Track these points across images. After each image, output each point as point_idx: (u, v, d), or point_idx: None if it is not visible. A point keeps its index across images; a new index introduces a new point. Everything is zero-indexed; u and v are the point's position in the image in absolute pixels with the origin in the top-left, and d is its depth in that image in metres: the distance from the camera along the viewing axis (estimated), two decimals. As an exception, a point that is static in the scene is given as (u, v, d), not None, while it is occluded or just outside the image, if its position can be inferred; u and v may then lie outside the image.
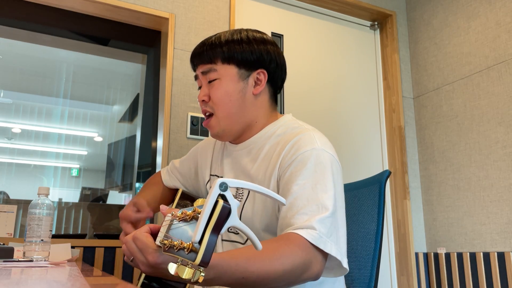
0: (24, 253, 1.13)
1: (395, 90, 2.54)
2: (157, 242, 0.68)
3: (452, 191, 2.30)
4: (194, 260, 0.58)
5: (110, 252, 1.76)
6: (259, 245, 0.64)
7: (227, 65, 1.09)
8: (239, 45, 1.09)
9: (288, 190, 0.95)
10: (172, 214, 0.68)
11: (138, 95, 2.40)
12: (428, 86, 2.52)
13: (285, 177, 0.98)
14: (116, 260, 1.77)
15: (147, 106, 2.20)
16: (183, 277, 0.58)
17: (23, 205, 1.98)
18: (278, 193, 1.00)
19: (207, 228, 0.58)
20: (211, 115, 1.12)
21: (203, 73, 1.12)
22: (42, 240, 1.14)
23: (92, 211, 2.26)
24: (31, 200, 1.18)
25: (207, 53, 1.10)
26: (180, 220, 0.65)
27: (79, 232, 2.19)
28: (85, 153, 2.90)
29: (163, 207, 0.78)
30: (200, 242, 0.58)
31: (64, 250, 1.35)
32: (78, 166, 2.85)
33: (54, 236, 1.39)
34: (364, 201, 1.22)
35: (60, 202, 2.26)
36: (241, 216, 1.06)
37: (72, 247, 1.56)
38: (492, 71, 2.18)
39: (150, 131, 2.15)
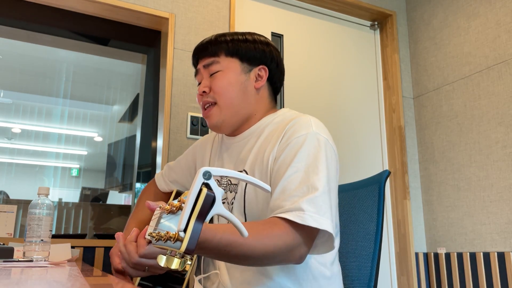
0: (24, 253, 1.13)
1: (395, 90, 2.54)
2: (147, 236, 0.69)
3: (452, 191, 2.30)
4: (179, 248, 0.59)
5: (110, 252, 1.76)
6: (245, 232, 0.66)
7: (230, 58, 1.13)
8: (243, 42, 1.14)
9: (281, 173, 0.97)
10: (160, 207, 0.69)
11: (138, 95, 2.40)
12: (428, 86, 2.52)
13: (279, 159, 1.01)
14: (116, 260, 1.76)
15: (147, 106, 2.19)
16: (172, 267, 0.60)
17: (23, 205, 1.98)
18: (272, 173, 1.02)
19: (192, 217, 0.60)
20: (212, 104, 1.13)
21: (205, 66, 1.14)
22: (42, 240, 1.14)
23: (92, 211, 2.26)
24: (31, 200, 1.18)
25: (211, 47, 1.14)
26: (169, 213, 0.66)
27: (79, 232, 2.19)
28: (85, 153, 2.90)
29: (147, 203, 0.79)
30: (185, 230, 0.59)
31: (64, 250, 1.35)
32: (78, 166, 2.85)
33: (54, 236, 1.39)
34: (364, 201, 1.22)
35: (60, 202, 2.26)
36: (245, 200, 1.07)
37: (72, 247, 1.56)
38: (492, 71, 2.18)
39: (150, 131, 2.15)
